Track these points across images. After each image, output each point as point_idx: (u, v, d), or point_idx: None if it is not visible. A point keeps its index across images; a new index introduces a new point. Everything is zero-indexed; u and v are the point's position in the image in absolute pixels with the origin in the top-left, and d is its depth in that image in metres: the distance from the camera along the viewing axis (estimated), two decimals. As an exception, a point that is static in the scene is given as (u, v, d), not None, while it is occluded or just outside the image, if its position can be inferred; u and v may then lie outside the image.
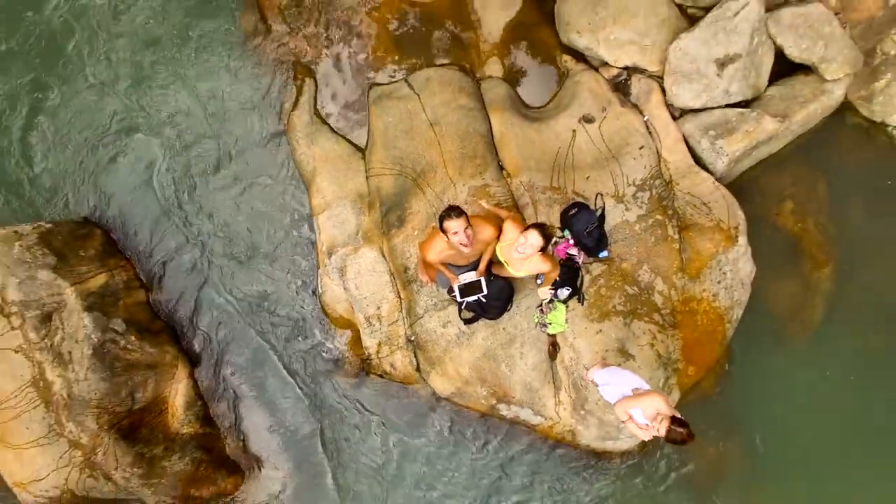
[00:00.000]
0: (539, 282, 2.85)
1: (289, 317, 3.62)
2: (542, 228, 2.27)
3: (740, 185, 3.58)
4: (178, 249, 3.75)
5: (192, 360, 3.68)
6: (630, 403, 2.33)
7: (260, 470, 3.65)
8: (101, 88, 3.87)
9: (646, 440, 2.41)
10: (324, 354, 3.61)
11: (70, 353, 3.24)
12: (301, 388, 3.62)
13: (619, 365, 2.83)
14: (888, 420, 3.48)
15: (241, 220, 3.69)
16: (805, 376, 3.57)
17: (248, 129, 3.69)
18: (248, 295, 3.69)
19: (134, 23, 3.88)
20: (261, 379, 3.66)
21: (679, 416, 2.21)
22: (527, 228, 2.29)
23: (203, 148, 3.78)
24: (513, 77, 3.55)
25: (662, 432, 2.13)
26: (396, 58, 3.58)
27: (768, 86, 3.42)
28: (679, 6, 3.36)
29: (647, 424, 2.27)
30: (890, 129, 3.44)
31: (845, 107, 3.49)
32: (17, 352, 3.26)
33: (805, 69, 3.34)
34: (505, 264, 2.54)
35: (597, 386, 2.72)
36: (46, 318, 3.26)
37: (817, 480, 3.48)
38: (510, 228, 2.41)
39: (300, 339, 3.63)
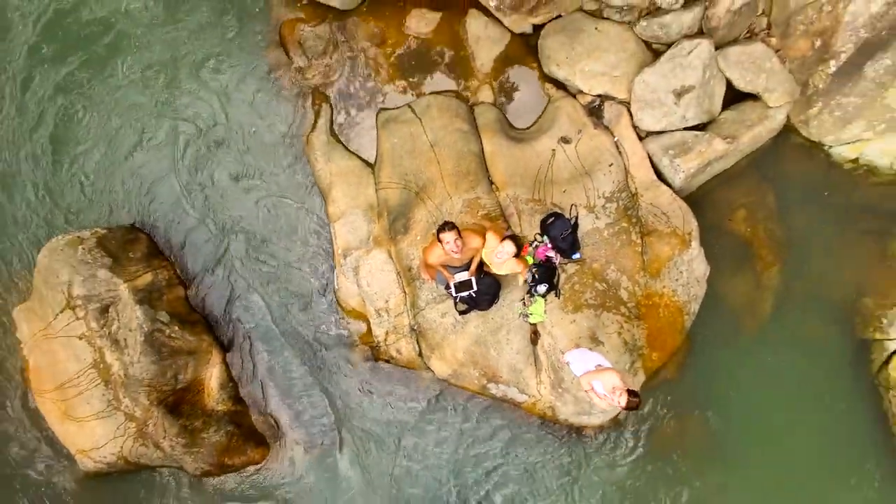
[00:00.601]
0: (530, 288, 3.41)
1: (308, 310, 4.18)
2: (515, 239, 2.85)
3: (699, 196, 4.12)
4: (210, 252, 4.32)
5: (224, 348, 4.25)
6: (592, 376, 2.88)
7: (282, 442, 4.21)
8: (141, 110, 4.45)
9: (603, 407, 2.96)
10: (338, 342, 4.17)
11: (125, 339, 3.82)
12: (317, 372, 4.18)
13: (589, 349, 3.38)
14: (827, 398, 4.02)
15: (266, 227, 4.25)
16: (756, 362, 4.10)
17: (273, 147, 4.25)
18: (271, 291, 4.25)
19: (171, 50, 4.45)
20: (282, 363, 4.22)
21: (633, 388, 2.77)
22: (503, 239, 2.86)
23: (232, 164, 4.34)
24: (502, 103, 4.11)
25: (623, 403, 2.68)
26: (401, 86, 4.14)
27: (723, 110, 3.96)
28: (645, 42, 3.91)
29: (604, 395, 2.82)
30: (826, 147, 3.97)
31: (789, 128, 4.03)
32: (80, 339, 3.85)
33: (753, 96, 3.88)
34: (489, 265, 3.10)
35: (568, 364, 3.27)
36: (104, 310, 3.84)
37: (765, 451, 4.01)
38: (491, 238, 2.97)
39: (318, 329, 4.19)
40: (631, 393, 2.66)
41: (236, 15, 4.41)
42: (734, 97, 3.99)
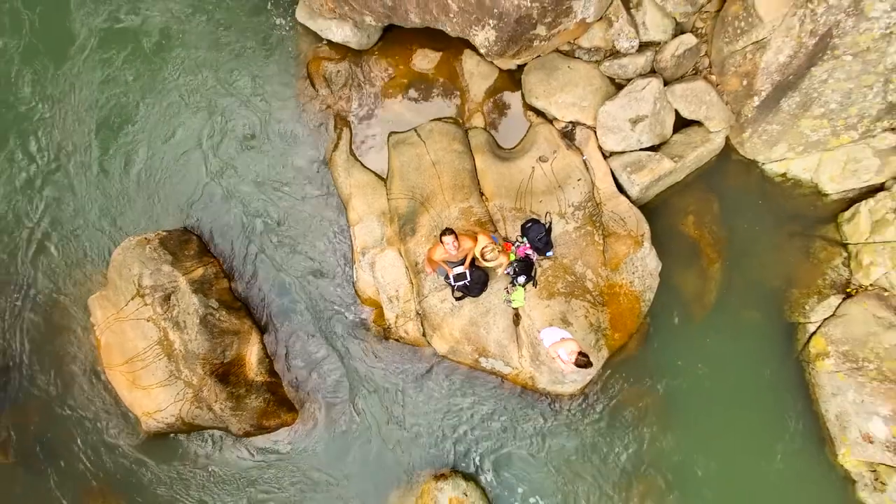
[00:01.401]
0: (506, 272, 4.26)
1: (331, 298, 5.04)
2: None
3: (656, 204, 4.97)
4: (248, 251, 5.19)
5: (261, 330, 5.11)
6: (557, 346, 3.73)
7: (308, 407, 5.07)
8: (191, 130, 5.31)
9: (566, 371, 3.81)
10: (355, 325, 5.02)
11: (184, 322, 4.69)
12: (339, 350, 5.04)
13: (559, 328, 4.23)
14: (761, 371, 4.85)
15: (295, 229, 5.11)
16: (703, 341, 4.93)
17: (301, 164, 5.11)
18: (301, 283, 5.11)
19: (214, 84, 5.31)
20: (309, 343, 5.08)
21: (584, 351, 3.61)
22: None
23: (266, 177, 5.21)
24: (491, 126, 4.96)
25: (573, 360, 3.52)
26: (408, 113, 4.99)
27: (674, 133, 4.81)
28: (609, 78, 4.75)
29: (566, 359, 3.66)
30: (759, 164, 4.80)
31: (728, 148, 4.87)
32: (148, 321, 4.72)
33: (698, 122, 4.72)
34: (479, 261, 3.96)
35: (541, 340, 4.12)
36: (167, 298, 4.71)
37: (711, 414, 4.83)
38: (481, 239, 3.82)
39: (339, 314, 5.05)
40: (581, 354, 3.51)
41: (272, 51, 5.28)
42: (684, 122, 4.84)
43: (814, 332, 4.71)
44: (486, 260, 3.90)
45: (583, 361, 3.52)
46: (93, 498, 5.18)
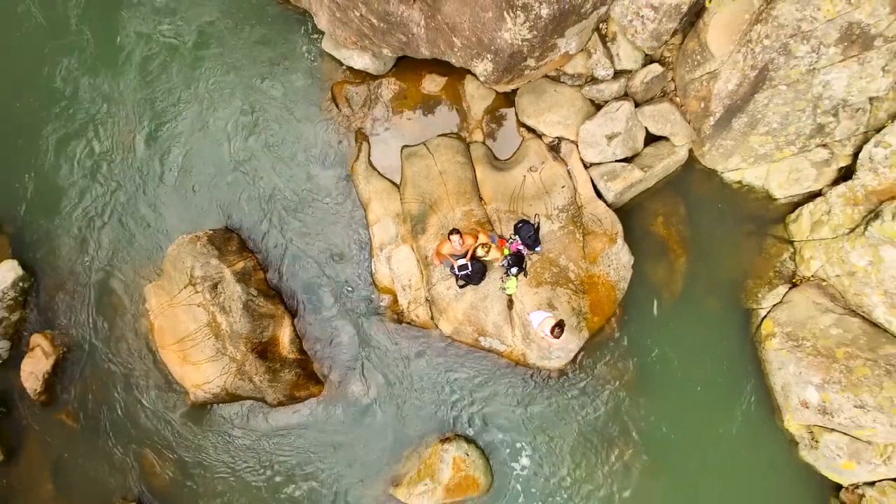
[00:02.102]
0: (501, 264, 5.09)
1: (352, 287, 5.88)
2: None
3: (630, 207, 5.79)
4: (281, 248, 6.03)
5: (292, 315, 5.95)
6: (542, 324, 4.57)
7: (332, 381, 5.90)
8: (231, 142, 6.15)
9: (555, 345, 4.64)
10: (373, 310, 5.86)
11: (229, 306, 5.54)
12: (358, 331, 5.87)
13: (545, 311, 5.06)
14: (721, 349, 5.64)
15: (322, 229, 5.95)
16: (671, 324, 5.74)
17: (327, 173, 5.95)
18: (326, 274, 5.94)
19: (250, 103, 6.15)
20: (333, 325, 5.91)
21: (560, 322, 4.42)
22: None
23: (296, 184, 6.04)
24: (489, 141, 5.79)
25: (548, 329, 4.34)
26: (418, 129, 5.82)
27: (645, 146, 5.63)
28: (590, 100, 5.58)
29: (546, 334, 4.49)
30: (718, 173, 5.61)
31: (692, 160, 5.68)
32: (198, 306, 5.56)
33: (665, 138, 5.54)
34: (479, 255, 4.80)
35: (530, 321, 4.96)
36: (215, 286, 5.56)
37: (678, 386, 5.64)
38: (481, 237, 4.66)
39: (359, 301, 5.88)
40: (556, 325, 4.34)
41: (301, 74, 6.12)
42: (653, 138, 5.66)
43: (764, 317, 5.53)
44: (487, 254, 4.73)
45: (558, 333, 4.35)
46: (147, 458, 6.04)
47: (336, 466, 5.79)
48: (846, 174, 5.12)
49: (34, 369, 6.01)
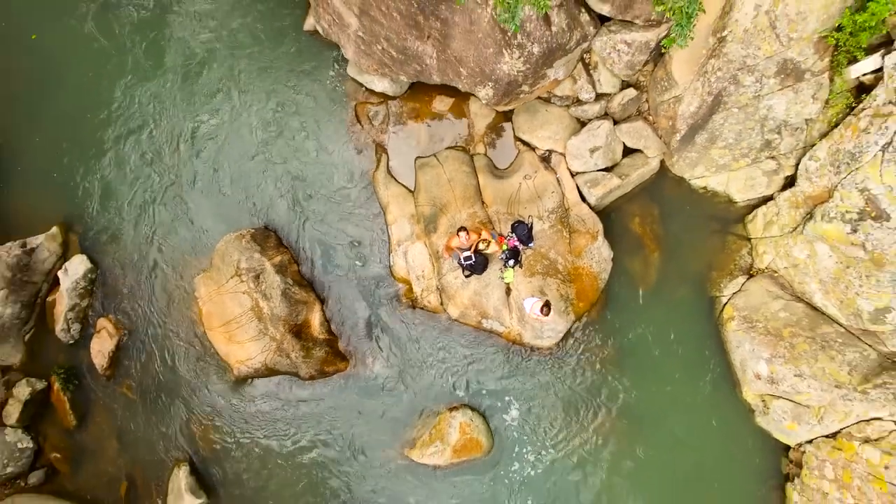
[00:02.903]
0: (500, 258, 6.07)
1: (373, 278, 6.85)
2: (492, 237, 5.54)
3: (611, 209, 6.74)
4: (311, 245, 7.01)
5: (322, 301, 6.93)
6: (532, 306, 5.54)
7: (355, 358, 6.88)
8: (265, 155, 7.14)
9: (544, 322, 5.60)
10: (391, 297, 6.83)
11: (270, 293, 6.53)
12: (378, 316, 6.83)
13: (537, 297, 6.03)
14: (689, 332, 6.57)
15: (347, 228, 6.93)
16: (647, 310, 6.67)
17: (351, 180, 6.93)
18: (350, 267, 6.92)
19: (282, 121, 7.14)
20: (356, 310, 6.88)
21: (548, 301, 5.40)
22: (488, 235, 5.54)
23: (324, 190, 7.02)
24: (490, 153, 6.76)
25: (538, 308, 5.31)
26: (429, 143, 6.80)
27: (624, 157, 6.59)
28: (576, 118, 6.54)
29: (537, 315, 5.46)
30: (686, 180, 6.56)
31: (664, 169, 6.63)
32: (243, 294, 6.56)
33: (640, 150, 6.50)
34: (482, 249, 5.78)
35: (524, 306, 5.93)
36: (257, 277, 6.55)
37: (653, 363, 6.56)
38: (484, 234, 5.64)
39: (378, 289, 6.85)
40: (544, 305, 5.30)
41: (329, 95, 7.10)
42: (630, 150, 6.62)
43: (725, 303, 6.48)
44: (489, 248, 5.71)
45: (546, 311, 5.33)
46: (195, 425, 7.04)
47: (358, 432, 6.76)
48: (791, 182, 6.06)
49: (101, 348, 7.02)
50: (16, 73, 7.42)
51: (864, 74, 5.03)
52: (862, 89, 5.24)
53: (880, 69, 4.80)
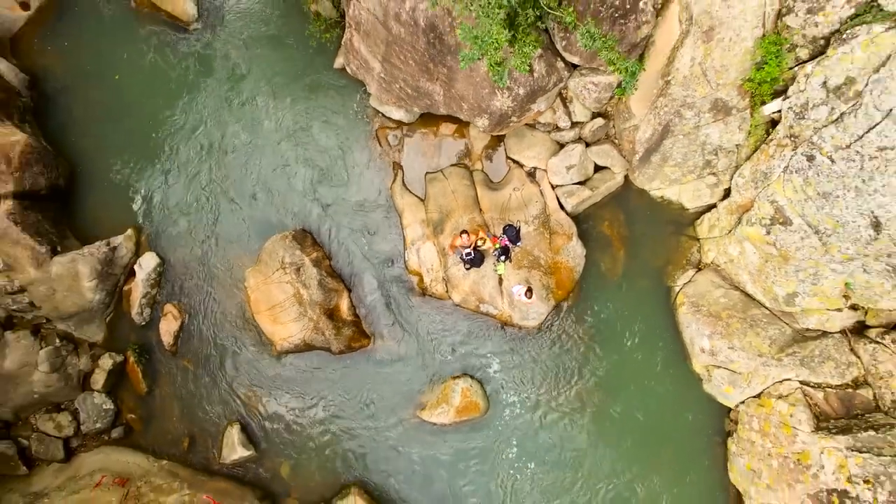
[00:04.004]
0: (494, 254, 7.59)
1: (390, 271, 8.37)
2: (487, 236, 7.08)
3: (585, 215, 8.24)
4: (340, 243, 8.55)
5: (349, 289, 8.47)
6: (518, 291, 7.05)
7: (376, 336, 8.41)
8: (297, 172, 8.69)
9: (529, 305, 7.11)
10: (405, 287, 8.35)
11: (308, 283, 8.08)
12: (395, 302, 8.36)
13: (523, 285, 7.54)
14: (650, 316, 8.05)
15: (369, 230, 8.46)
16: (614, 297, 8.18)
17: (372, 191, 8.47)
18: (371, 262, 8.45)
19: (313, 146, 8.69)
20: (377, 297, 8.41)
21: (530, 287, 6.92)
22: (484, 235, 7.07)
23: (350, 200, 8.56)
24: (486, 169, 8.29)
25: (522, 292, 6.83)
26: (437, 160, 8.34)
27: (595, 173, 8.09)
28: (556, 142, 8.05)
29: (525, 299, 6.97)
30: (647, 191, 8.04)
31: (628, 182, 8.12)
32: (287, 283, 8.11)
33: (607, 167, 8.00)
34: (479, 247, 7.31)
35: (513, 292, 7.45)
36: (298, 269, 8.10)
37: (621, 343, 8.06)
38: (481, 235, 7.16)
39: (395, 280, 8.38)
40: (527, 290, 6.82)
41: (353, 121, 8.64)
42: (600, 167, 8.11)
43: (678, 291, 7.96)
44: (484, 247, 7.24)
45: (529, 294, 6.85)
46: (244, 392, 8.58)
47: (378, 396, 8.29)
48: (727, 193, 7.53)
49: (167, 328, 8.59)
50: (98, 106, 8.99)
51: (773, 113, 6.51)
52: (775, 123, 6.71)
53: (780, 110, 6.28)
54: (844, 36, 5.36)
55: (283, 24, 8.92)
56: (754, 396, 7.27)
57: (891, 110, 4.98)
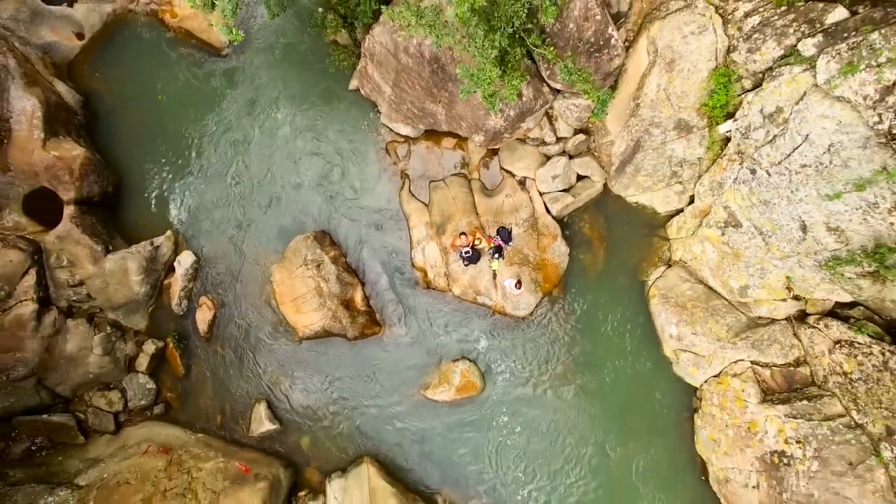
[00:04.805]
0: (489, 252, 8.76)
1: (398, 267, 9.55)
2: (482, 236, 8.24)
3: (570, 217, 9.39)
4: (354, 243, 9.74)
5: (362, 283, 9.66)
6: (509, 283, 8.21)
7: (386, 324, 9.59)
8: (317, 181, 9.89)
9: (518, 297, 8.26)
10: (411, 281, 9.53)
11: (328, 277, 9.26)
12: (402, 294, 9.53)
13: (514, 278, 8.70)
14: (626, 305, 9.20)
15: (380, 232, 9.65)
16: (595, 290, 9.31)
17: (383, 198, 9.65)
18: (382, 259, 9.63)
19: (327, 159, 9.89)
20: (387, 290, 9.59)
21: (520, 279, 8.09)
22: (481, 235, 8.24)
23: (363, 205, 9.75)
24: (482, 178, 9.46)
25: (513, 284, 7.99)
26: (440, 170, 9.51)
27: (577, 181, 9.25)
28: (543, 154, 9.22)
29: (515, 290, 8.13)
30: (623, 197, 9.18)
31: (607, 189, 9.27)
32: (309, 278, 9.30)
33: (588, 176, 9.16)
34: (476, 246, 8.48)
35: (505, 285, 8.61)
36: (319, 265, 9.29)
37: (601, 329, 9.21)
38: (478, 235, 8.33)
39: (403, 275, 9.56)
40: (517, 281, 7.98)
41: (366, 136, 9.84)
42: (581, 177, 9.26)
43: (651, 285, 9.10)
44: (478, 246, 8.42)
45: (518, 285, 8.01)
46: (270, 373, 9.77)
47: (388, 377, 9.45)
48: (692, 200, 8.67)
49: (202, 318, 9.78)
50: (141, 125, 10.22)
51: (725, 132, 7.65)
52: (728, 140, 7.85)
53: (731, 130, 7.42)
54: (775, 73, 6.50)
55: (304, 50, 10.12)
56: (714, 376, 8.39)
57: (807, 135, 6.11)
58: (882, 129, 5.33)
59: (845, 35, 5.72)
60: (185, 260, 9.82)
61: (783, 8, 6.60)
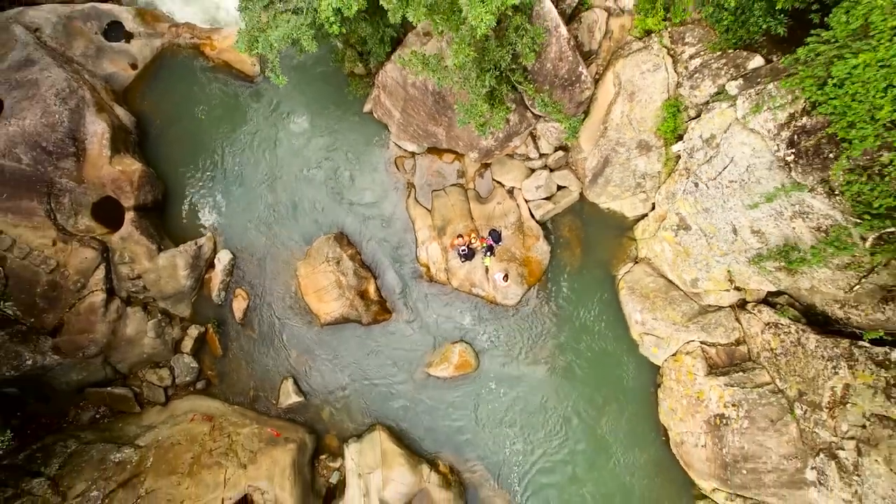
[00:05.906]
0: (482, 251, 10.39)
1: (405, 264, 11.19)
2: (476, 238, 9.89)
3: (552, 221, 11.01)
4: (368, 243, 11.39)
5: (375, 277, 11.30)
6: (499, 277, 9.83)
7: (395, 312, 11.22)
8: (336, 191, 11.56)
9: (506, 288, 9.88)
10: (416, 275, 11.16)
11: (346, 272, 10.93)
12: (408, 286, 11.17)
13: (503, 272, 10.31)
14: (600, 295, 10.78)
15: (389, 234, 11.29)
16: (573, 283, 10.91)
17: (392, 205, 11.30)
18: (391, 257, 11.27)
19: (338, 170, 11.57)
20: (395, 283, 11.21)
21: (508, 273, 9.72)
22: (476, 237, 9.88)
23: (372, 212, 11.40)
24: (477, 188, 11.09)
25: (501, 278, 9.60)
26: (441, 181, 11.15)
27: (557, 191, 10.86)
28: (528, 168, 10.84)
29: (503, 282, 9.75)
30: (597, 204, 10.77)
31: (583, 197, 10.85)
32: (330, 272, 10.99)
33: (566, 186, 10.77)
34: (472, 246, 10.12)
35: (496, 278, 10.23)
36: (338, 262, 10.94)
37: (579, 317, 10.82)
38: (473, 237, 9.96)
39: (409, 270, 11.19)
40: (505, 274, 9.59)
41: (378, 154, 11.50)
42: (561, 187, 10.87)
43: (620, 279, 10.69)
44: (472, 245, 10.06)
45: (506, 278, 9.63)
46: (295, 354, 11.41)
47: (396, 357, 11.08)
48: (653, 207, 10.25)
49: (238, 307, 11.45)
50: (181, 140, 11.92)
51: (677, 151, 9.24)
52: (679, 158, 9.44)
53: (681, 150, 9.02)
54: (710, 106, 8.10)
55: (325, 79, 11.80)
56: (672, 355, 9.96)
57: (733, 157, 7.70)
58: (780, 155, 6.92)
59: (758, 80, 7.33)
60: (224, 257, 11.49)
61: (717, 53, 8.21)
